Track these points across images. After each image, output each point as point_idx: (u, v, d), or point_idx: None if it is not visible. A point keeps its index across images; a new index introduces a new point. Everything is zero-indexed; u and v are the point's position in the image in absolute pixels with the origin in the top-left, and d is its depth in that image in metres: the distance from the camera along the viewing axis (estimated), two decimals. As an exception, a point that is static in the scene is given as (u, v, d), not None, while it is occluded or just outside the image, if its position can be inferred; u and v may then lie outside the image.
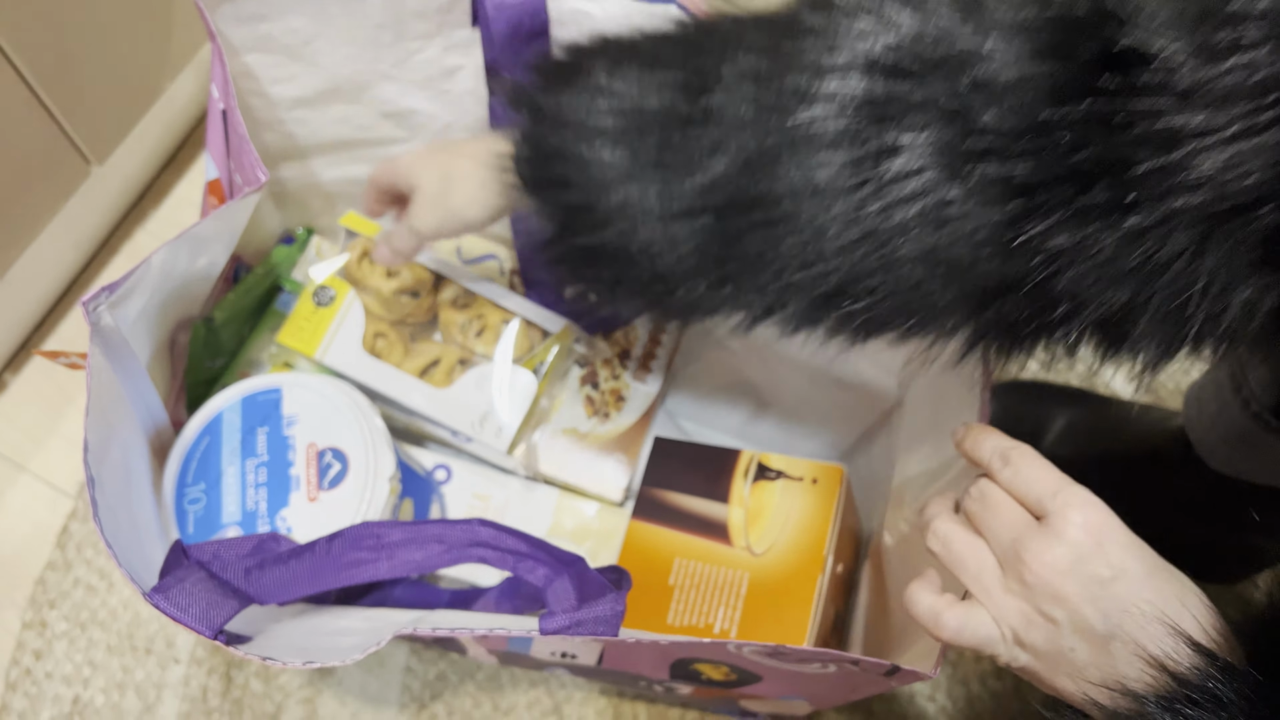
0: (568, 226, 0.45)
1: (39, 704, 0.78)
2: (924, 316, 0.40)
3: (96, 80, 0.75)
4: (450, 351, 0.71)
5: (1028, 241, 0.36)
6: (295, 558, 0.51)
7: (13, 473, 0.84)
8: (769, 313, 0.43)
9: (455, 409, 0.69)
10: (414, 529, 0.51)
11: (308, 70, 0.61)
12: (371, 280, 0.69)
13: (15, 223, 0.75)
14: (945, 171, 0.36)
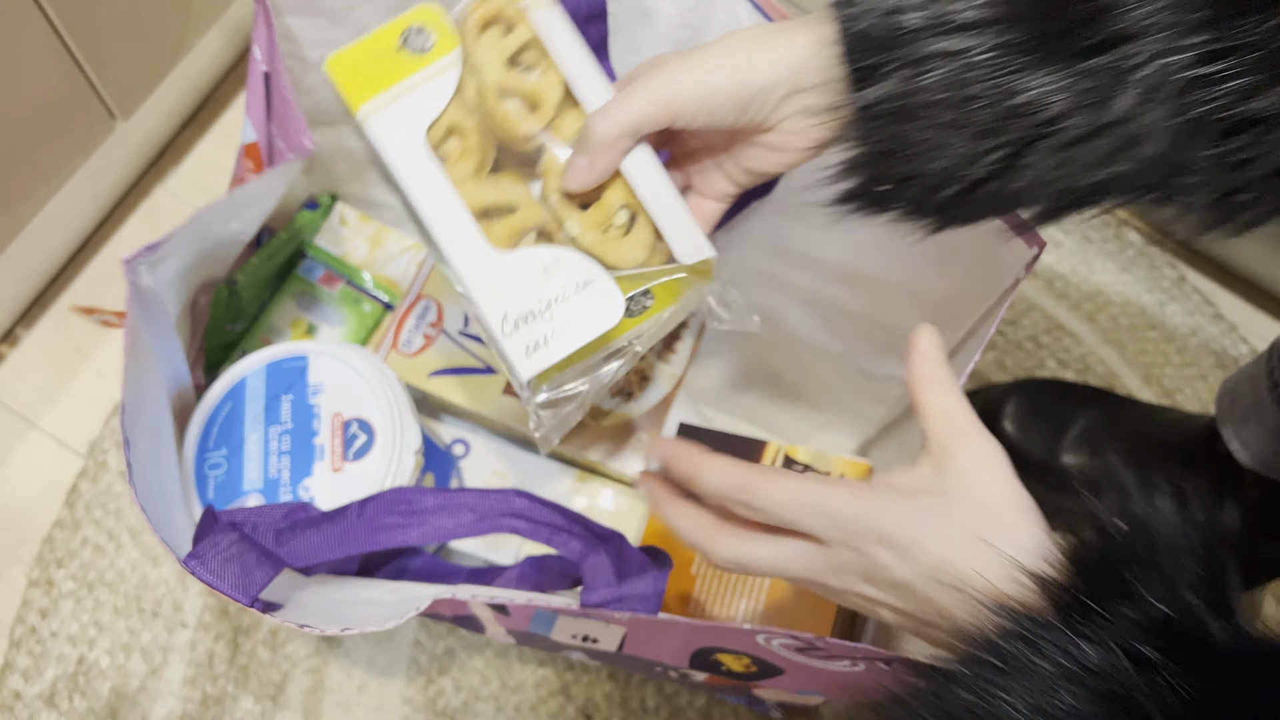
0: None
1: (43, 663, 0.77)
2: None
3: (124, 34, 0.73)
4: (534, 211, 0.48)
5: None
6: (327, 521, 0.51)
7: (23, 429, 0.83)
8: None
9: (496, 284, 0.47)
10: (447, 496, 0.51)
11: (349, 36, 0.60)
12: (482, 55, 0.48)
13: (38, 174, 0.74)
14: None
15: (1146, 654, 0.32)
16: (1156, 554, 0.34)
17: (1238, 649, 0.32)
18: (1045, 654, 0.33)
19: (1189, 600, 0.33)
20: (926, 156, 0.39)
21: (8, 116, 0.68)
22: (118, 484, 0.82)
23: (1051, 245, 0.94)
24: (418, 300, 0.74)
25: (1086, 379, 0.89)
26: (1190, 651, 0.32)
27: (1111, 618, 0.33)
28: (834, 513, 0.39)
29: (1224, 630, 0.32)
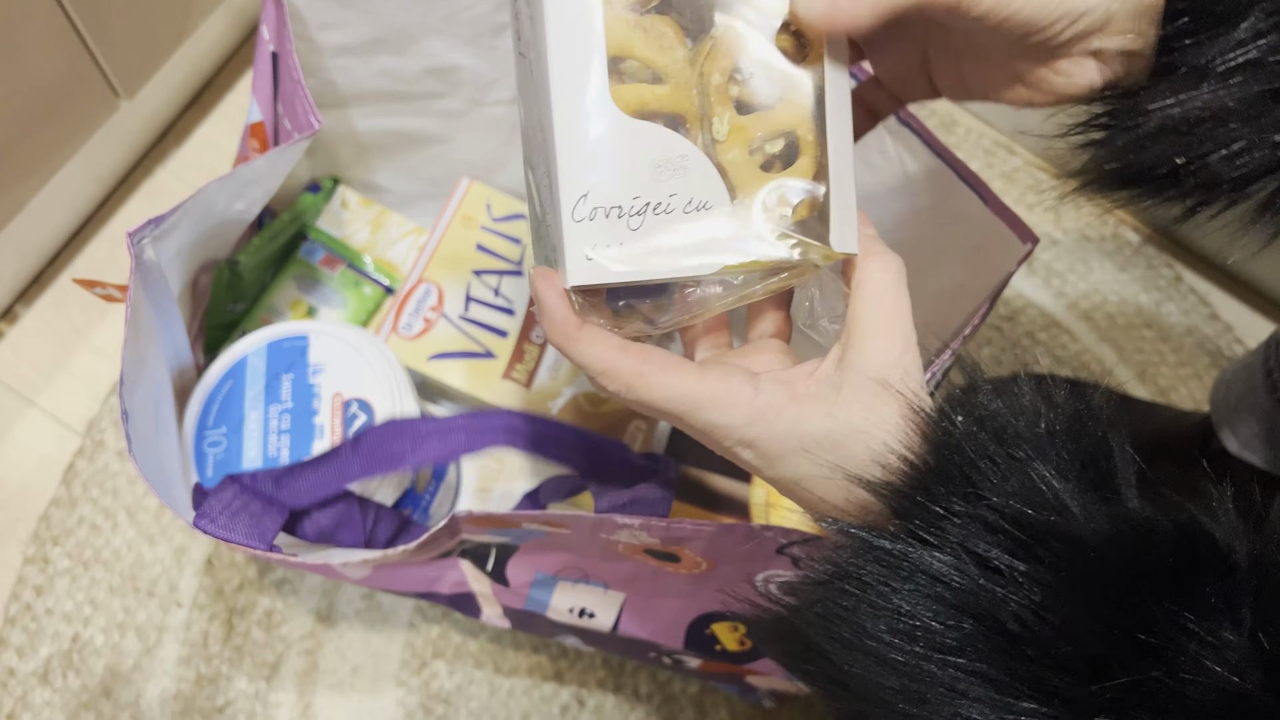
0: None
1: (38, 640, 0.77)
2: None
3: (130, 14, 0.73)
4: (683, 96, 0.37)
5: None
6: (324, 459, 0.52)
7: (21, 406, 0.83)
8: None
9: (594, 153, 0.35)
10: (438, 422, 0.52)
11: (358, 17, 0.60)
12: None
13: (42, 152, 0.74)
14: None
15: (990, 556, 0.30)
16: (1004, 444, 0.32)
17: (1114, 534, 0.30)
18: (894, 568, 0.32)
19: (1044, 489, 0.31)
20: (1242, 131, 0.35)
21: (14, 93, 0.68)
22: (115, 463, 0.82)
23: (1049, 243, 0.95)
24: (419, 284, 0.74)
25: (1082, 376, 0.90)
26: (1044, 546, 0.30)
27: (955, 518, 0.31)
28: (707, 422, 0.36)
29: (1096, 514, 0.31)
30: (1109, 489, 0.32)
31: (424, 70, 0.66)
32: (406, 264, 0.78)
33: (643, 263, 0.35)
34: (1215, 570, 0.30)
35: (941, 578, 0.31)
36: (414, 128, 0.72)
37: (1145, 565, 0.30)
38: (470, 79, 0.67)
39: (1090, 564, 0.30)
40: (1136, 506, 0.32)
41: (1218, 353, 0.92)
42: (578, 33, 0.34)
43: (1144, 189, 0.39)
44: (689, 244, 0.36)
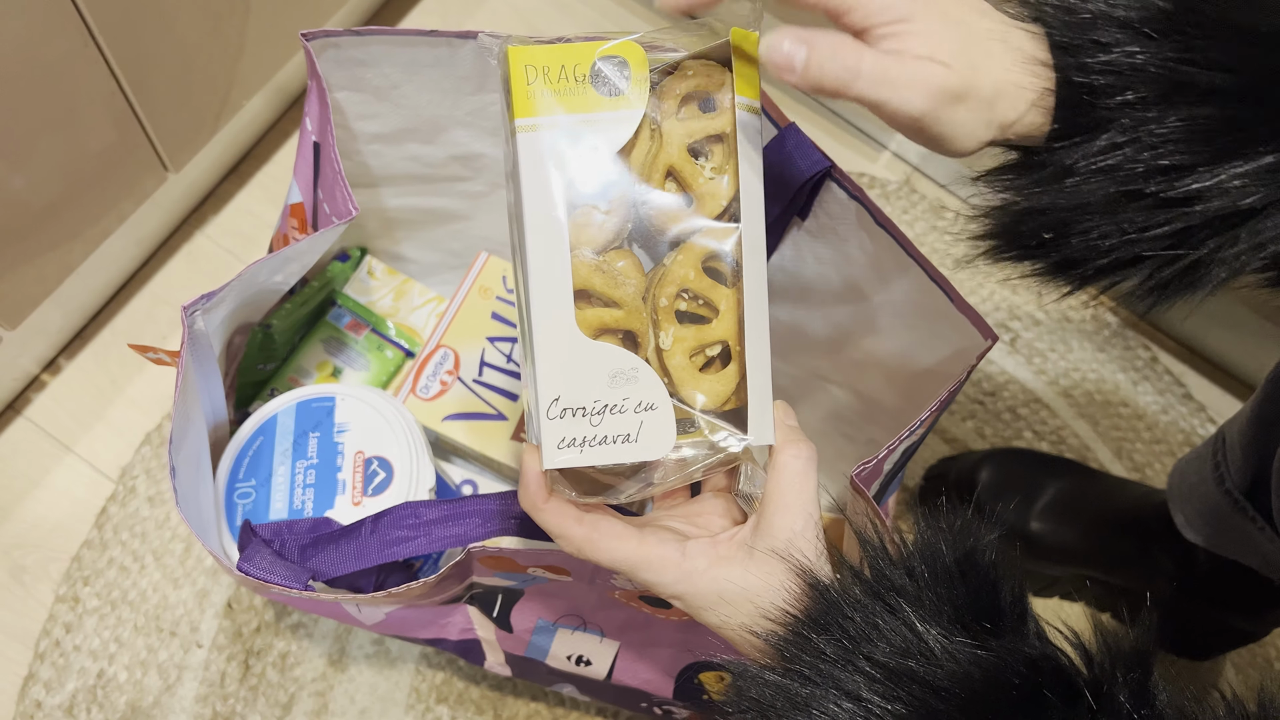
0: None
1: (65, 675, 0.82)
2: None
3: (180, 92, 0.80)
4: (634, 318, 0.46)
5: None
6: (344, 537, 0.57)
7: (59, 453, 0.89)
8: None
9: (563, 365, 0.44)
10: (452, 505, 0.56)
11: (391, 110, 0.66)
12: (672, 127, 0.45)
13: (92, 219, 0.80)
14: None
15: (860, 694, 0.37)
16: (879, 596, 0.39)
17: (966, 674, 0.36)
18: (786, 699, 0.38)
19: (910, 635, 0.37)
20: (1099, 222, 0.41)
21: (71, 164, 0.75)
22: (145, 509, 0.87)
23: (1031, 323, 1.00)
24: (437, 349, 0.80)
25: (1061, 451, 0.95)
26: (903, 686, 0.36)
27: (825, 661, 0.38)
28: (644, 580, 0.44)
29: (957, 655, 0.37)
30: (989, 623, 0.38)
31: (449, 157, 0.72)
32: (426, 330, 0.84)
33: (604, 450, 0.44)
34: (1061, 700, 0.35)
35: (819, 709, 0.37)
36: (438, 206, 0.78)
37: (994, 701, 0.35)
38: (491, 165, 0.73)
39: (939, 701, 0.36)
40: (1012, 640, 0.37)
41: (1191, 431, 0.97)
42: (553, 274, 0.43)
43: (1021, 257, 0.45)
44: (643, 435, 0.44)
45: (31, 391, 0.90)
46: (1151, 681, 0.36)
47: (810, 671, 0.38)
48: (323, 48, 0.60)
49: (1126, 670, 0.35)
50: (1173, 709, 0.35)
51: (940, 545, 0.40)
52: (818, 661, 0.38)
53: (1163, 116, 0.39)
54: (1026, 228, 0.44)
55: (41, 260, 0.78)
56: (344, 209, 0.57)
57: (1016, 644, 0.37)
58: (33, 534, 0.86)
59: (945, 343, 0.57)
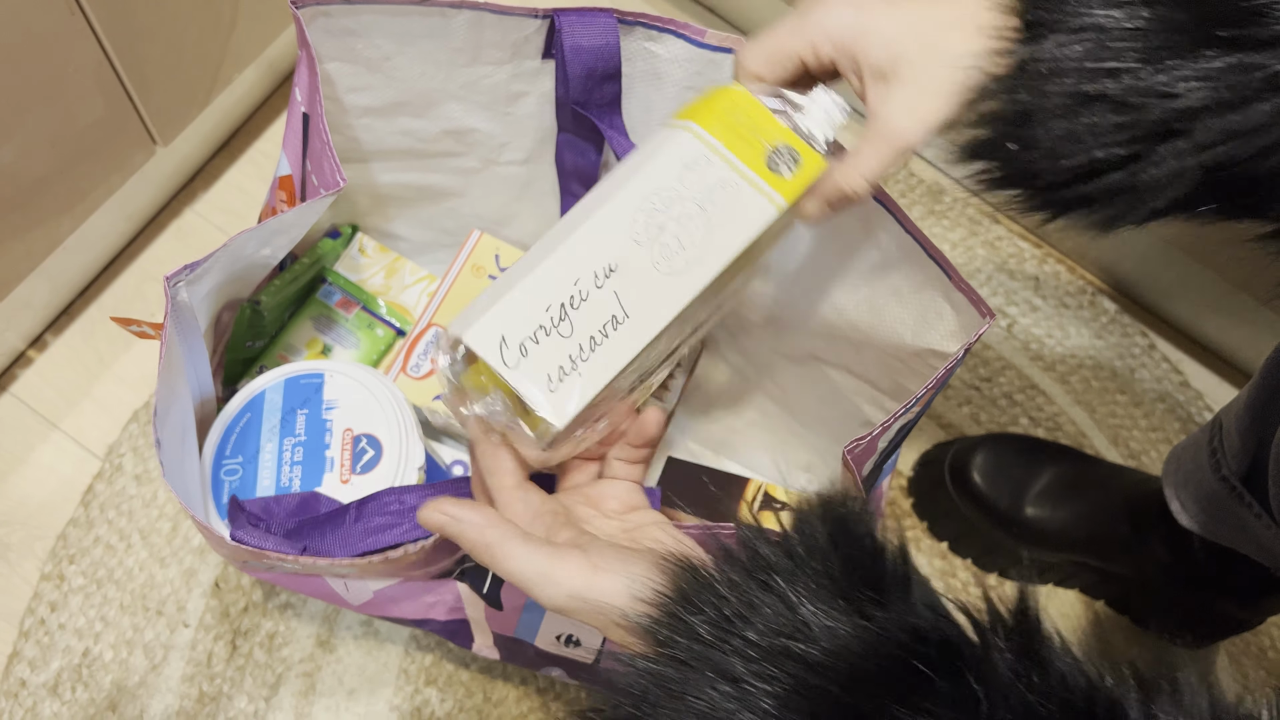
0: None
1: (50, 653, 0.81)
2: None
3: (171, 67, 0.79)
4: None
5: None
6: (329, 523, 0.56)
7: (45, 430, 0.88)
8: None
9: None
10: (438, 489, 0.55)
11: (383, 83, 0.65)
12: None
13: (80, 192, 0.79)
14: None
15: (738, 674, 0.36)
16: (753, 574, 0.38)
17: (843, 648, 0.35)
18: (666, 689, 0.37)
19: (786, 612, 0.36)
20: (1057, 126, 0.41)
21: (59, 136, 0.74)
22: (132, 487, 0.86)
23: (1029, 309, 0.99)
24: (428, 328, 0.79)
25: (1056, 437, 0.94)
26: (778, 664, 0.35)
27: (700, 643, 0.37)
28: (536, 596, 0.43)
29: (835, 629, 0.35)
30: (869, 593, 0.36)
31: (442, 131, 0.71)
32: (417, 308, 0.83)
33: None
34: (945, 666, 0.34)
35: (701, 695, 0.35)
36: (430, 182, 0.77)
37: (874, 674, 0.34)
38: (485, 140, 0.72)
39: (816, 676, 0.34)
40: (892, 609, 0.36)
41: (1188, 419, 0.96)
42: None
43: (994, 173, 0.45)
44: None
45: (18, 368, 0.89)
46: (1040, 645, 0.34)
47: (685, 654, 0.37)
48: (313, 16, 0.59)
49: (1009, 636, 0.34)
50: (1065, 670, 0.33)
51: (813, 519, 0.39)
52: (692, 644, 0.37)
53: (1109, 15, 0.39)
54: (996, 133, 0.43)
55: (28, 234, 0.77)
56: (332, 180, 0.56)
57: (900, 614, 0.36)
58: (18, 511, 0.85)
59: (943, 322, 0.57)
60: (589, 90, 0.60)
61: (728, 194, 0.46)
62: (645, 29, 0.60)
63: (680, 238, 0.46)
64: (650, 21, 0.60)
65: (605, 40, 0.60)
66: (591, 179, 0.72)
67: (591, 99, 0.60)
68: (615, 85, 0.60)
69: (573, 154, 0.68)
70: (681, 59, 0.62)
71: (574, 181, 0.73)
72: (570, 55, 0.58)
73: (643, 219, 0.46)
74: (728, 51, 0.61)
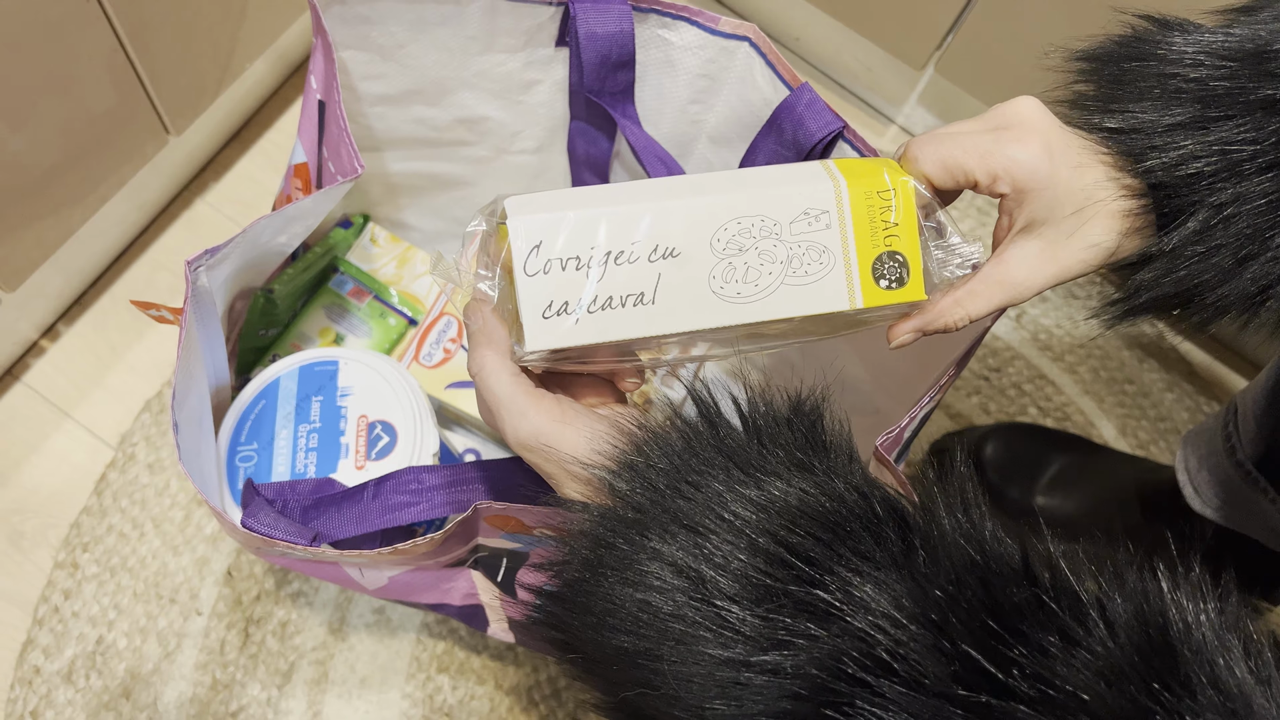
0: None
1: (64, 641, 0.81)
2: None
3: (183, 56, 0.79)
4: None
5: None
6: (346, 500, 0.56)
7: (58, 419, 0.88)
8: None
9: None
10: (455, 471, 0.55)
11: (397, 71, 0.66)
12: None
13: (93, 182, 0.79)
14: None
15: (696, 523, 0.37)
16: (716, 428, 0.40)
17: (801, 501, 0.37)
18: (627, 537, 0.38)
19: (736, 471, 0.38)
20: (1217, 290, 0.44)
21: (71, 125, 0.74)
22: (144, 475, 0.86)
23: (1038, 299, 0.99)
24: (440, 317, 0.79)
25: (1065, 427, 0.94)
26: (739, 510, 0.37)
27: (662, 490, 0.39)
28: (503, 423, 0.44)
29: (790, 489, 0.37)
30: (820, 461, 0.39)
31: (455, 120, 0.71)
32: (429, 298, 0.83)
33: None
34: (894, 524, 0.36)
35: (654, 541, 0.37)
36: (442, 171, 0.77)
37: (826, 521, 0.36)
38: (497, 129, 0.72)
39: (774, 521, 0.36)
40: (839, 474, 0.38)
41: (1196, 409, 0.96)
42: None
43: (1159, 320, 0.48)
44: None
45: (31, 357, 0.89)
46: (976, 508, 0.36)
47: (643, 501, 0.38)
48: (329, 4, 0.59)
49: (949, 501, 0.36)
50: (993, 528, 0.36)
51: (770, 401, 0.41)
52: (649, 493, 0.38)
53: (1238, 192, 0.42)
54: (1156, 309, 0.46)
55: (41, 223, 0.77)
56: (349, 167, 0.56)
57: (848, 476, 0.38)
58: (32, 500, 0.85)
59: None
60: (602, 78, 0.60)
61: (819, 263, 0.45)
62: (659, 16, 0.60)
63: (750, 270, 0.45)
64: (664, 8, 0.60)
65: (619, 27, 0.60)
66: (604, 167, 0.72)
67: (605, 87, 0.60)
68: (629, 73, 0.60)
69: (585, 142, 0.68)
70: (695, 46, 0.62)
71: (586, 170, 0.73)
72: (584, 43, 0.59)
73: (733, 231, 0.44)
74: (742, 39, 0.61)
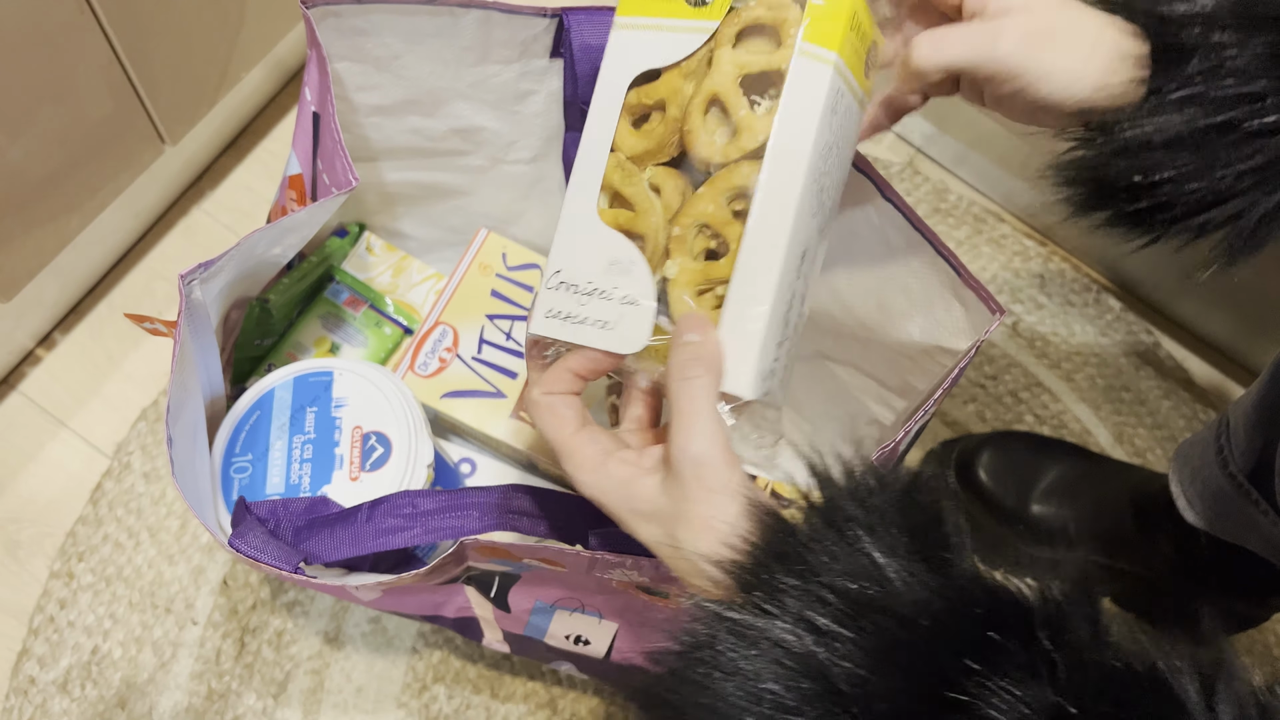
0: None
1: (59, 651, 0.81)
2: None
3: (179, 66, 0.79)
4: (649, 226, 0.47)
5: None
6: (340, 522, 0.56)
7: (54, 428, 0.88)
8: None
9: (573, 242, 0.47)
10: (450, 496, 0.55)
11: (392, 82, 0.66)
12: (726, 55, 0.45)
13: (89, 191, 0.79)
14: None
15: (822, 625, 0.35)
16: (835, 526, 0.37)
17: (926, 601, 0.35)
18: (742, 635, 0.36)
19: (868, 565, 0.36)
20: (1184, 157, 0.42)
21: (68, 135, 0.74)
22: (140, 485, 0.86)
23: (1034, 307, 0.99)
24: (435, 326, 0.79)
25: (1061, 435, 0.94)
26: (865, 616, 0.35)
27: (791, 593, 0.36)
28: (567, 470, 0.44)
29: (915, 584, 0.35)
30: (941, 554, 0.37)
31: (450, 130, 0.71)
32: (425, 307, 0.83)
33: (581, 330, 0.46)
34: (1018, 629, 0.34)
35: (782, 644, 0.35)
36: (438, 181, 0.77)
37: (953, 628, 0.34)
38: (492, 139, 0.72)
39: (902, 630, 0.34)
40: (964, 571, 0.36)
41: (1193, 417, 0.96)
42: (591, 162, 0.47)
43: (1111, 209, 0.45)
44: (619, 326, 0.45)
45: (26, 366, 0.89)
46: (1100, 615, 0.35)
47: (771, 604, 0.36)
48: (323, 16, 0.59)
49: (1075, 603, 0.35)
50: (1124, 639, 0.34)
51: (886, 478, 0.39)
52: (784, 595, 0.36)
53: (1243, 43, 0.40)
54: (1116, 170, 0.44)
55: (38, 232, 0.77)
56: (344, 179, 0.56)
57: (975, 575, 0.36)
58: (27, 509, 0.85)
59: (952, 318, 0.57)
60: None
61: (850, 119, 0.46)
62: (654, 28, 0.60)
63: (826, 188, 0.45)
64: (659, 20, 0.60)
65: (613, 39, 0.60)
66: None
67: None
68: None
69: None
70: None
71: (581, 180, 0.73)
72: (579, 54, 0.59)
73: (814, 190, 0.44)
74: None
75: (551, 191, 0.77)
